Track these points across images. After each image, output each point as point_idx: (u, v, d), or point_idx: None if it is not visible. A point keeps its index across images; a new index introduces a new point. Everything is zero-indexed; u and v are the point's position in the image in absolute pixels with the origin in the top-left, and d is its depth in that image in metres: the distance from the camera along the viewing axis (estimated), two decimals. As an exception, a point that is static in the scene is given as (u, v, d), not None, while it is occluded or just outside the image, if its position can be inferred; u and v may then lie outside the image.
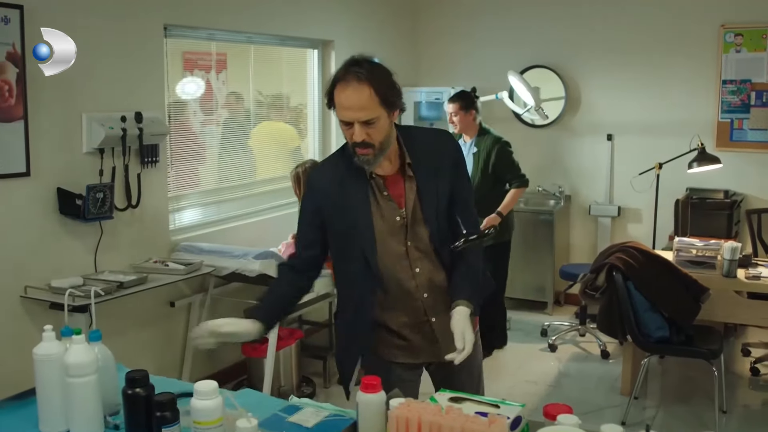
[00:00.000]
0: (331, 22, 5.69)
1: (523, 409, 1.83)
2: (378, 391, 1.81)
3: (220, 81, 4.88)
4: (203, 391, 1.88)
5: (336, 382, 4.94)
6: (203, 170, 4.84)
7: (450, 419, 1.52)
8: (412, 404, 1.61)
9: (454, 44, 6.81)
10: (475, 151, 5.11)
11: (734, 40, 5.83)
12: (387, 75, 2.41)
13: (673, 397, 4.78)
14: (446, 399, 1.85)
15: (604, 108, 6.36)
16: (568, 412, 1.77)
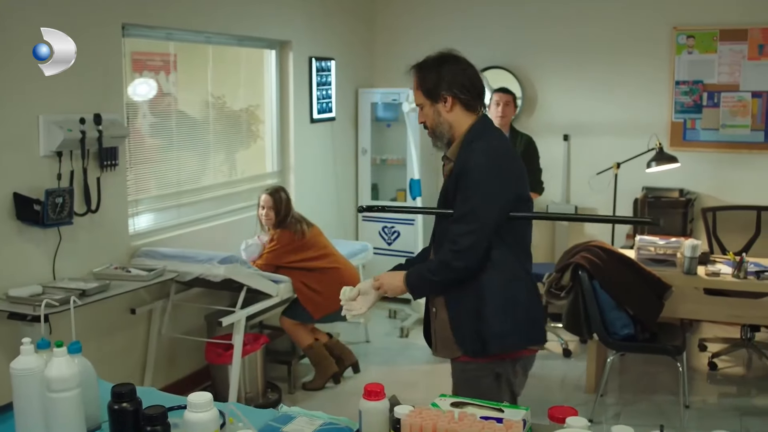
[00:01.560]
0: (288, 22, 5.62)
1: (527, 412, 1.81)
2: (381, 399, 1.77)
3: (170, 82, 4.76)
4: (197, 404, 1.80)
5: (301, 388, 4.88)
6: (161, 173, 4.71)
7: (467, 426, 1.49)
8: (423, 411, 1.57)
9: (411, 45, 6.77)
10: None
11: (686, 42, 5.95)
12: (432, 67, 2.82)
13: (635, 393, 4.84)
14: (448, 404, 1.82)
15: (560, 109, 6.43)
16: (573, 414, 1.76)
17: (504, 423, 1.51)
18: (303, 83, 5.84)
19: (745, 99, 5.87)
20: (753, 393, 4.87)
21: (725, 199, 5.87)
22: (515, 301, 2.63)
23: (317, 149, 6.13)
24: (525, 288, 2.68)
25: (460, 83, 2.71)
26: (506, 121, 5.09)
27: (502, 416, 1.73)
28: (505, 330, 2.60)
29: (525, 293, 2.67)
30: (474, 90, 2.73)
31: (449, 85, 2.70)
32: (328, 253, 4.87)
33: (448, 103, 2.69)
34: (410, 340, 5.81)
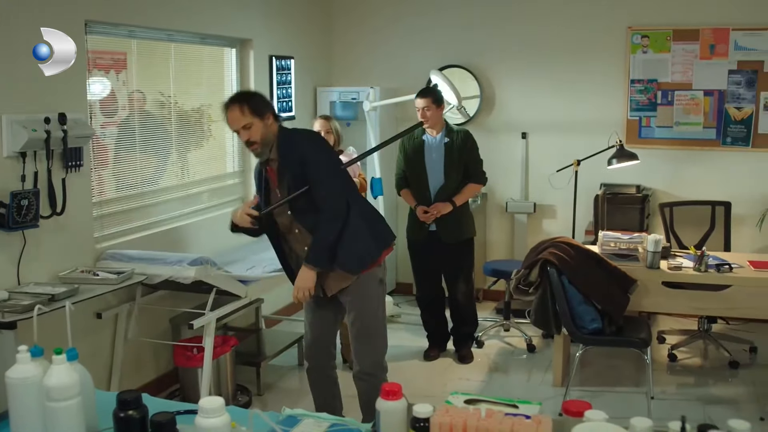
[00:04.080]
0: (249, 20, 5.56)
1: (540, 407, 1.83)
2: (399, 398, 1.76)
3: (120, 81, 4.65)
4: (209, 409, 1.78)
5: (269, 390, 4.84)
6: (124, 174, 4.61)
7: (497, 423, 1.49)
8: (450, 410, 1.57)
9: (370, 44, 6.80)
10: (447, 141, 5.10)
11: (641, 42, 6.09)
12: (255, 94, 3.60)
13: (600, 385, 4.92)
14: (462, 401, 1.83)
15: (519, 107, 6.51)
16: (587, 408, 1.78)
17: (533, 418, 1.52)
18: (263, 82, 5.78)
19: (698, 97, 6.03)
20: (711, 382, 5.00)
21: (680, 194, 6.03)
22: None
23: (277, 148, 6.07)
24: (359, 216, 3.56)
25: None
26: (434, 122, 5.10)
27: (518, 412, 1.75)
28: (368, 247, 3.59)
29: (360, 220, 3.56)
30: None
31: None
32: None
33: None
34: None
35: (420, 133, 5.16)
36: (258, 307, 5.35)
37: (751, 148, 5.98)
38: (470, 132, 5.24)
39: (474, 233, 5.34)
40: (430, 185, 5.10)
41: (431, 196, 5.09)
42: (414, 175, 5.15)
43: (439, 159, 5.08)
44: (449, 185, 5.06)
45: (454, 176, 5.08)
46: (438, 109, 5.09)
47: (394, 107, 6.42)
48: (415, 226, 5.21)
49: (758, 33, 5.85)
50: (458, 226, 5.16)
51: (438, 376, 5.10)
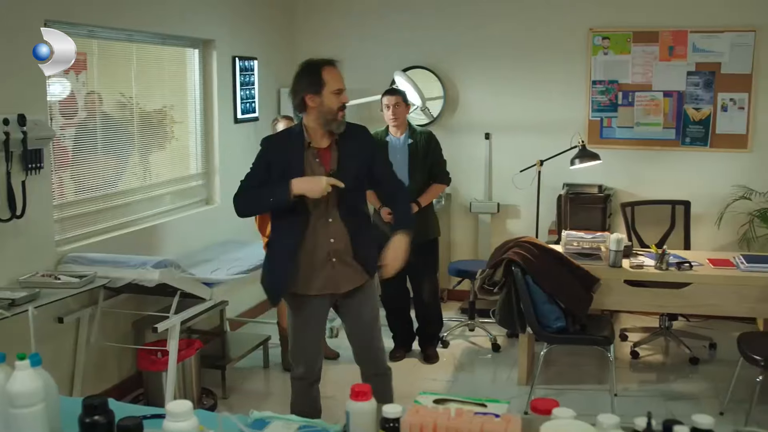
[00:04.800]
0: (211, 21, 5.52)
1: (509, 405, 1.84)
2: (369, 399, 1.77)
3: (80, 82, 4.59)
4: (177, 413, 1.77)
5: (234, 393, 4.81)
6: (85, 176, 4.54)
7: (467, 422, 1.50)
8: (420, 410, 1.57)
9: (334, 45, 6.76)
10: (411, 143, 5.11)
11: (602, 43, 6.16)
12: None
13: (564, 383, 4.98)
14: (431, 401, 1.83)
15: (482, 107, 6.54)
16: (555, 406, 1.80)
17: (503, 417, 1.53)
18: (226, 83, 5.75)
19: (657, 98, 6.12)
20: (672, 378, 5.08)
21: (641, 194, 6.11)
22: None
23: (241, 150, 6.02)
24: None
25: None
26: (400, 122, 5.12)
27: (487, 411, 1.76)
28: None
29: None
30: None
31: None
32: None
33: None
34: (340, 339, 5.79)
35: (383, 134, 5.17)
36: (222, 309, 5.31)
37: (710, 148, 6.09)
38: (433, 133, 5.27)
39: (439, 233, 5.37)
40: None
41: None
42: None
43: (403, 160, 5.09)
44: (414, 186, 5.08)
45: (418, 177, 5.10)
46: (406, 108, 5.13)
47: (359, 108, 6.40)
48: (380, 227, 5.21)
49: (715, 35, 5.96)
50: (423, 226, 5.17)
51: (405, 376, 5.10)
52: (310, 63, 3.44)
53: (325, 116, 3.35)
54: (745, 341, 4.37)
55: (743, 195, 5.90)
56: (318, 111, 3.35)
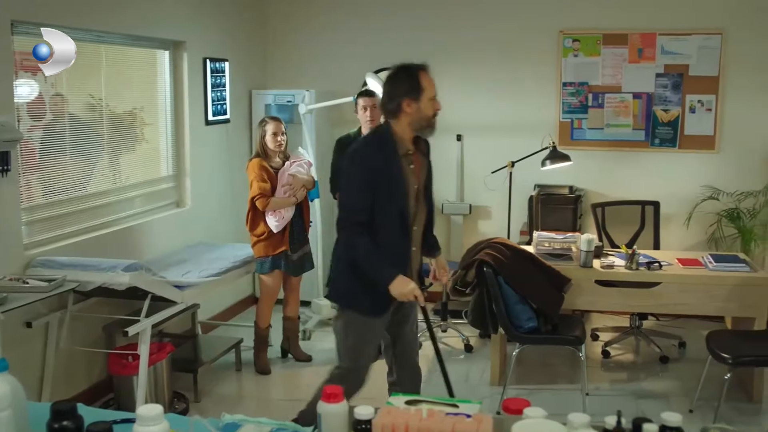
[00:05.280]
0: (182, 22, 5.48)
1: (480, 406, 1.85)
2: (340, 401, 1.76)
3: (49, 83, 4.53)
4: (147, 417, 1.75)
5: (206, 396, 4.77)
6: (54, 179, 4.49)
7: (438, 422, 1.50)
8: (392, 411, 1.57)
9: (305, 47, 6.77)
10: None
11: (572, 46, 6.22)
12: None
13: (536, 383, 5.00)
14: (402, 402, 1.84)
15: (453, 109, 6.50)
16: (526, 405, 1.81)
17: (474, 417, 1.53)
18: (197, 84, 5.71)
19: (627, 100, 6.18)
20: (643, 377, 5.13)
21: (611, 195, 6.17)
22: None
23: (213, 152, 6.01)
24: None
25: None
26: (376, 123, 5.13)
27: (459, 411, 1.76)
28: None
29: None
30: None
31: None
32: None
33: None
34: (313, 342, 5.79)
35: (356, 135, 5.17)
36: (194, 312, 5.29)
37: (678, 149, 6.16)
38: None
39: None
40: None
41: None
42: None
43: None
44: None
45: None
46: (379, 110, 5.14)
47: (330, 110, 6.41)
48: None
49: (683, 38, 6.03)
50: None
51: (377, 378, 5.08)
52: (408, 67, 3.39)
53: (420, 122, 3.33)
54: (714, 340, 4.43)
55: (711, 195, 5.98)
56: (413, 117, 3.31)
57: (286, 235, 5.03)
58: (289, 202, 5.01)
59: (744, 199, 5.94)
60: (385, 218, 3.30)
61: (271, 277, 5.08)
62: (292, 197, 5.01)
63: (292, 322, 5.36)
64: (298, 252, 5.18)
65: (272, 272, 5.05)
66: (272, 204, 4.93)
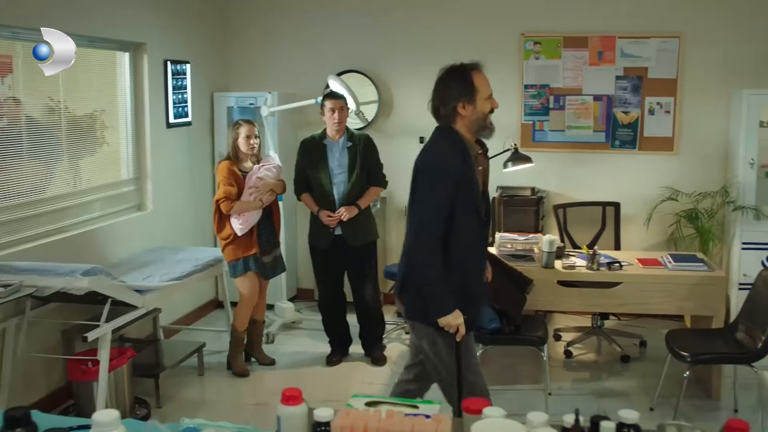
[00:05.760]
0: (142, 24, 5.43)
1: (441, 406, 1.85)
2: (300, 403, 1.76)
3: (6, 86, 4.46)
4: (103, 422, 1.72)
5: (169, 402, 4.72)
6: (9, 183, 4.41)
7: (397, 423, 1.50)
8: (351, 413, 1.57)
9: (267, 49, 6.74)
10: (350, 146, 5.12)
11: (534, 48, 6.27)
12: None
13: (499, 384, 5.02)
14: (363, 404, 1.83)
15: (416, 111, 6.55)
16: (486, 405, 1.82)
17: (433, 418, 1.54)
18: (158, 87, 5.66)
19: (588, 102, 6.25)
20: (605, 377, 5.19)
21: (572, 196, 6.23)
22: None
23: (174, 155, 5.96)
24: None
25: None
26: (343, 126, 5.14)
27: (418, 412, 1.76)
28: None
29: None
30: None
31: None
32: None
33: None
34: (276, 345, 5.76)
35: (320, 136, 5.16)
36: (156, 317, 5.24)
37: (638, 151, 6.25)
38: (369, 136, 5.29)
39: (378, 236, 5.40)
40: (334, 189, 5.10)
41: (335, 200, 5.10)
42: (317, 179, 5.14)
43: (342, 163, 5.10)
44: (353, 189, 5.09)
45: (357, 180, 5.11)
46: (348, 112, 5.17)
47: (293, 112, 6.39)
48: (319, 231, 5.20)
49: (642, 41, 6.12)
50: (364, 229, 5.20)
51: (341, 381, 5.10)
52: (459, 68, 3.27)
53: (477, 124, 3.22)
54: (673, 338, 4.49)
55: (670, 196, 6.06)
56: (470, 119, 3.21)
57: (254, 238, 5.00)
58: (254, 206, 4.96)
59: (702, 199, 6.04)
60: (466, 223, 3.16)
61: (247, 278, 5.03)
62: (258, 201, 4.97)
63: (258, 325, 5.33)
64: (268, 255, 5.15)
65: (246, 274, 5.01)
66: (237, 207, 4.89)
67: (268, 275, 5.20)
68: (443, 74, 3.25)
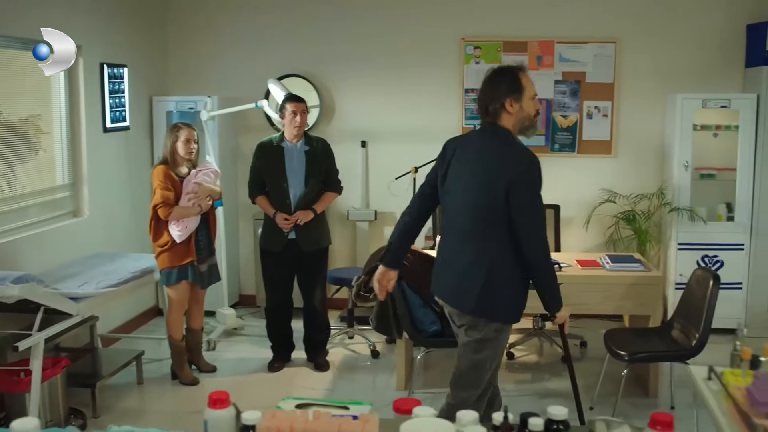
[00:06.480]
0: (78, 26, 5.30)
1: (372, 407, 1.84)
2: (227, 407, 1.73)
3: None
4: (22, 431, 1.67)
5: (107, 412, 4.62)
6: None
7: (324, 424, 1.49)
8: (277, 414, 1.55)
9: (207, 52, 6.67)
10: (307, 150, 5.08)
11: (474, 53, 6.32)
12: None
13: (445, 387, 5.00)
14: (293, 406, 1.81)
15: (358, 116, 6.58)
16: (417, 405, 1.82)
17: (360, 418, 1.52)
18: (94, 91, 5.55)
19: (527, 106, 6.31)
20: (547, 377, 5.24)
21: (513, 199, 6.28)
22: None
23: (111, 160, 5.85)
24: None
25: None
26: (302, 130, 5.12)
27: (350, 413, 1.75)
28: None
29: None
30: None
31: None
32: None
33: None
34: (217, 353, 5.68)
35: (278, 140, 5.11)
36: (93, 325, 5.12)
37: (577, 154, 6.34)
38: (327, 141, 5.27)
39: (330, 242, 5.38)
40: (291, 193, 5.06)
41: (291, 204, 5.06)
42: (273, 182, 5.09)
43: (300, 167, 5.06)
44: (309, 193, 5.07)
45: (314, 184, 5.08)
46: (307, 115, 5.14)
47: (233, 116, 6.33)
48: (273, 235, 5.14)
49: (580, 46, 6.22)
50: (317, 234, 5.18)
51: (283, 387, 5.05)
52: (507, 68, 3.41)
53: (522, 122, 3.34)
54: (611, 338, 4.56)
55: (608, 198, 6.17)
56: (516, 117, 3.31)
57: (191, 246, 4.91)
58: (194, 212, 4.88)
59: (639, 201, 6.15)
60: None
61: (178, 288, 4.93)
62: (197, 206, 4.90)
63: (196, 334, 5.24)
64: (205, 263, 5.06)
65: (179, 283, 4.92)
66: (175, 213, 4.80)
67: (204, 284, 5.11)
68: (492, 74, 3.40)
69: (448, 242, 3.52)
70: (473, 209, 3.32)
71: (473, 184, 3.31)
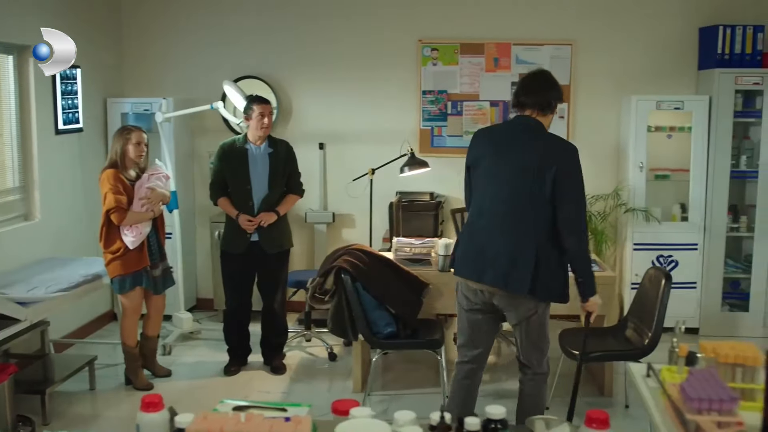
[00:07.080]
0: (27, 25, 5.20)
1: (310, 409, 1.82)
2: (160, 410, 1.70)
3: None
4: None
5: (58, 418, 4.54)
6: None
7: (255, 426, 1.46)
8: (208, 416, 1.52)
9: (162, 54, 6.61)
10: (271, 152, 5.03)
11: (431, 54, 6.34)
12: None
13: (400, 388, 5.03)
14: (230, 408, 1.79)
15: (315, 118, 6.56)
16: (354, 406, 1.80)
17: (293, 419, 1.50)
18: (46, 92, 5.46)
19: (485, 107, 6.36)
20: (504, 378, 5.24)
21: (471, 200, 6.30)
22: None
23: (64, 162, 5.75)
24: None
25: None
26: (267, 132, 5.08)
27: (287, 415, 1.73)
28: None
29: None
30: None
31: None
32: None
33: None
34: (173, 357, 5.62)
35: (241, 142, 5.06)
36: (44, 330, 5.02)
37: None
38: (290, 143, 5.24)
39: (292, 244, 5.35)
40: (254, 195, 5.02)
41: (254, 206, 5.02)
42: (237, 184, 5.04)
43: (264, 169, 5.02)
44: (273, 195, 5.04)
45: (277, 186, 5.06)
46: (272, 117, 5.11)
47: (189, 118, 6.27)
48: (235, 236, 5.09)
49: (536, 48, 6.27)
50: (280, 236, 5.15)
51: (239, 390, 5.01)
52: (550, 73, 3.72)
53: (550, 124, 3.67)
54: (565, 337, 4.59)
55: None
56: (551, 118, 3.67)
57: (144, 251, 4.83)
58: (147, 217, 4.80)
59: (595, 202, 6.20)
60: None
61: (133, 295, 4.84)
62: (150, 211, 4.82)
63: (152, 341, 5.16)
64: (158, 268, 4.99)
65: (133, 290, 4.83)
66: (129, 218, 4.71)
67: (159, 289, 5.02)
68: (547, 75, 3.68)
69: (484, 228, 3.63)
70: (519, 196, 3.49)
71: (520, 172, 3.49)
